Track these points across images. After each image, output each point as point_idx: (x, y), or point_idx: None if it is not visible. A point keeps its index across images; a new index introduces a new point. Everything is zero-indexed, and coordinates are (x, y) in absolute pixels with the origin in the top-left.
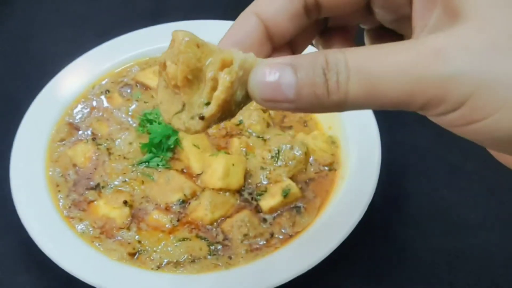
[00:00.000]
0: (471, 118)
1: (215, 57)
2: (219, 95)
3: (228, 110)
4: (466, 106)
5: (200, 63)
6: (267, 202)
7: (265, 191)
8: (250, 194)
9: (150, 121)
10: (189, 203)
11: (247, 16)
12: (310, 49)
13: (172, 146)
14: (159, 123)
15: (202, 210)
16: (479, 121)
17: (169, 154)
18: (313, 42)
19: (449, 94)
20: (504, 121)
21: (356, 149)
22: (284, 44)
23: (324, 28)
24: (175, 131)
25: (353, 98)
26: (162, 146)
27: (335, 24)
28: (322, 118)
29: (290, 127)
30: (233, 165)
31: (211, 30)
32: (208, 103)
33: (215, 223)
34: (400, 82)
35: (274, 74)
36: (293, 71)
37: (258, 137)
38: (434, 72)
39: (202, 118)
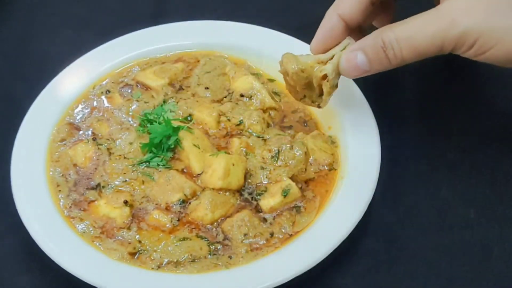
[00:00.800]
0: (481, 51)
1: (316, 73)
2: (325, 97)
3: (331, 93)
4: (476, 45)
5: (307, 79)
6: (267, 202)
7: (265, 191)
8: (250, 194)
9: (151, 121)
10: (189, 203)
11: (331, 15)
12: None
13: (172, 146)
14: (159, 123)
15: (202, 210)
16: (486, 52)
17: (170, 154)
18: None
19: (464, 42)
20: (500, 50)
21: (356, 149)
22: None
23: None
24: (175, 131)
25: (407, 58)
26: (162, 146)
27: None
28: (322, 118)
29: (290, 127)
30: (233, 165)
31: (211, 31)
32: (320, 95)
33: (215, 223)
34: (435, 41)
35: (353, 60)
36: (364, 54)
37: (258, 137)
38: (453, 32)
39: (319, 107)
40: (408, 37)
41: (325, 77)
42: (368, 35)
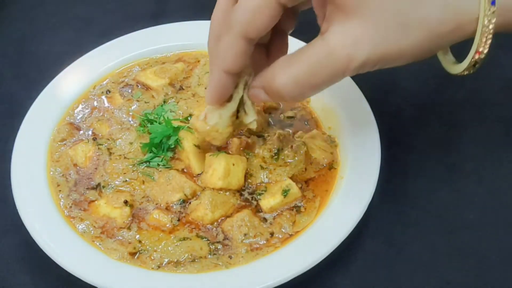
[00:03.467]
0: (385, 67)
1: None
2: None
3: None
4: (377, 66)
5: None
6: (267, 202)
7: (265, 190)
8: (250, 194)
9: (151, 121)
10: (190, 202)
11: (217, 74)
12: None
13: (172, 146)
14: (160, 123)
15: (202, 210)
16: (390, 66)
17: (170, 154)
18: None
19: (365, 68)
20: (402, 62)
21: (356, 148)
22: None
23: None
24: (176, 131)
25: (309, 95)
26: (162, 146)
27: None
28: (322, 118)
29: (290, 125)
30: (233, 164)
31: None
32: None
33: (215, 223)
34: (335, 78)
35: (258, 97)
36: (266, 93)
37: (259, 136)
38: (352, 66)
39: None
40: (306, 81)
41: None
42: (266, 71)
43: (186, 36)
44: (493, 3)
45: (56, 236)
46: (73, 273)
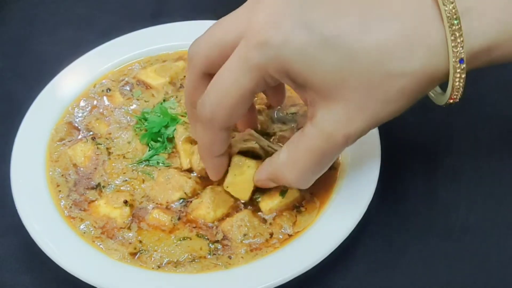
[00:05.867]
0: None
1: None
2: None
3: None
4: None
5: None
6: (266, 204)
7: (263, 193)
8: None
9: (147, 119)
10: (191, 201)
11: (210, 161)
12: None
13: (171, 136)
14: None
15: (204, 208)
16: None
17: (170, 145)
18: None
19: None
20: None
21: (356, 149)
22: None
23: None
24: (173, 121)
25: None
26: (162, 136)
27: None
28: None
29: (293, 121)
30: None
31: None
32: None
33: (216, 222)
34: (325, 159)
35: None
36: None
37: (263, 134)
38: (337, 146)
39: None
40: (312, 171)
41: None
42: (270, 166)
43: (186, 36)
44: (461, 61)
45: (56, 237)
46: (73, 273)
